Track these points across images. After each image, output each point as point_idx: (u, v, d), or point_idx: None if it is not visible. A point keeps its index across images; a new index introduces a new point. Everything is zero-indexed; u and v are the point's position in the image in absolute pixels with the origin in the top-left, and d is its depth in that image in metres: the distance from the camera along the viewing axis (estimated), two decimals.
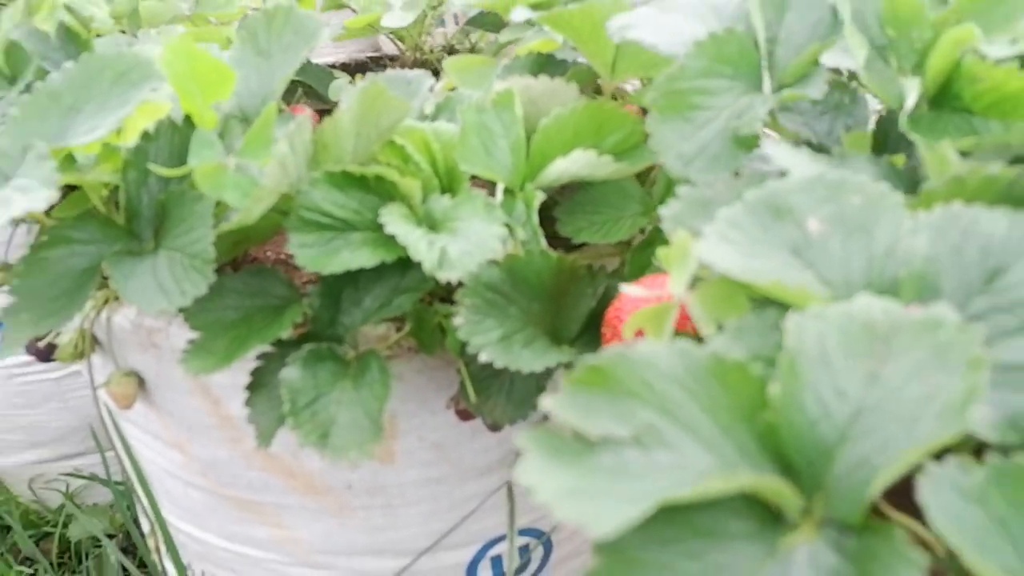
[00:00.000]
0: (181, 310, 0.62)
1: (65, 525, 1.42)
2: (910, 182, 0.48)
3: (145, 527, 1.03)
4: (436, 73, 1.14)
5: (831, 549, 0.29)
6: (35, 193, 0.55)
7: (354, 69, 1.25)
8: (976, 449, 0.32)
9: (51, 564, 1.38)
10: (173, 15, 1.05)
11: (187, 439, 0.79)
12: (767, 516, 0.30)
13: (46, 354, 0.85)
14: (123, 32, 0.90)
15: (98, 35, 0.87)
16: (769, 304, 0.37)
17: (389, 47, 1.34)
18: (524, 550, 0.86)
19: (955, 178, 0.38)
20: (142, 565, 1.31)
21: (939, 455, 0.31)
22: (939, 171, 0.42)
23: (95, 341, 0.78)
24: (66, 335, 0.77)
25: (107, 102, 0.62)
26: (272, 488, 0.79)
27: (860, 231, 0.38)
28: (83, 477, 1.39)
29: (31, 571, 1.39)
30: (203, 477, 0.82)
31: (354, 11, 1.10)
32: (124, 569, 1.32)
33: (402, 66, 1.15)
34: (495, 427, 0.72)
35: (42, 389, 1.36)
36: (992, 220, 0.36)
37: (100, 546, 1.40)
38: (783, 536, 0.30)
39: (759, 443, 0.31)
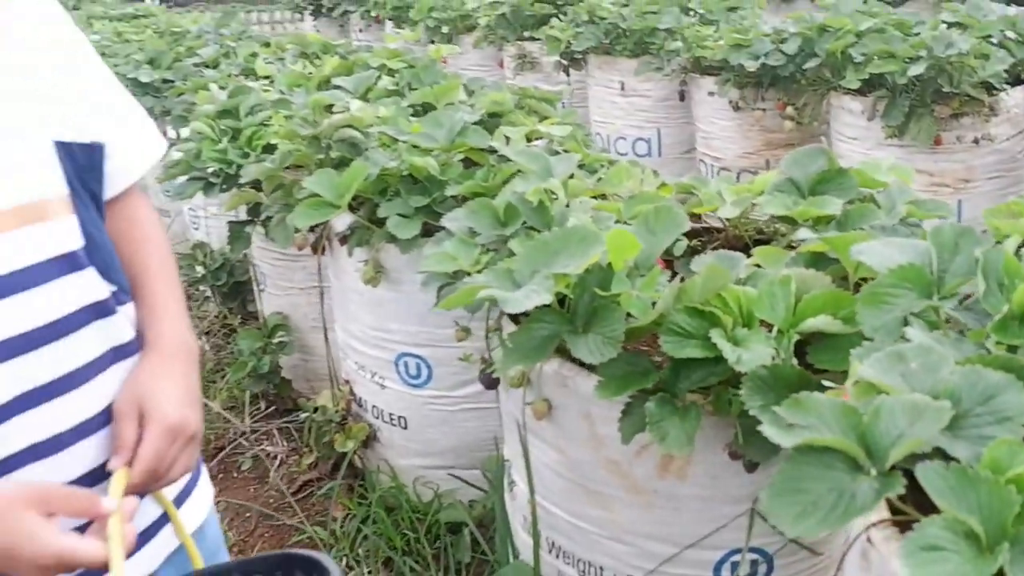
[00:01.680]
0: (593, 365, 1.18)
1: (434, 514, 2.04)
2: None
3: (512, 512, 1.60)
4: (747, 246, 1.66)
5: (877, 483, 0.78)
6: (542, 295, 1.14)
7: (689, 234, 1.80)
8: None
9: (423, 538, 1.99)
10: (584, 189, 1.67)
11: (566, 445, 1.35)
12: (856, 467, 0.79)
13: (492, 383, 1.46)
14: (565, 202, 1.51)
15: (554, 197, 1.49)
16: (882, 394, 0.85)
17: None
18: (753, 563, 1.32)
19: (979, 355, 0.85)
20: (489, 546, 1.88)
21: (932, 459, 0.78)
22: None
23: (528, 379, 1.37)
24: (513, 372, 1.36)
25: (576, 252, 1.21)
26: (610, 483, 1.32)
27: (932, 371, 0.85)
28: (464, 481, 2.00)
29: (407, 539, 2.02)
30: (569, 471, 1.37)
31: (699, 199, 1.65)
32: (475, 547, 1.90)
33: (725, 238, 1.69)
34: (752, 467, 1.21)
35: (440, 416, 2.00)
36: (991, 373, 0.83)
37: (454, 533, 1.99)
38: (860, 476, 0.79)
39: (858, 439, 0.80)
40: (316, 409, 2.09)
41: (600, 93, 4.22)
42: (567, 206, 1.50)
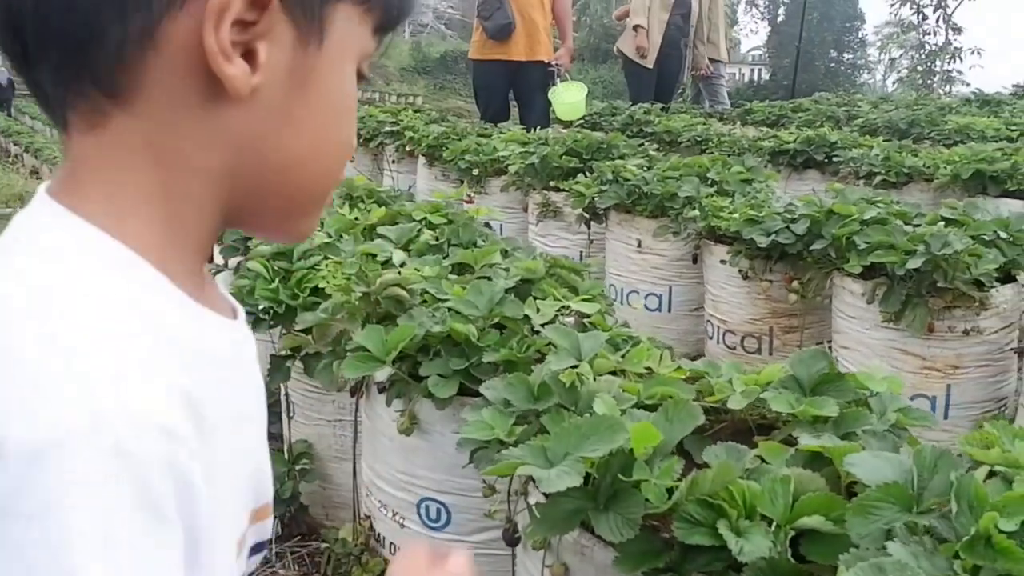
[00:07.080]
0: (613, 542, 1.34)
1: None
2: None
3: None
4: (751, 429, 1.83)
5: None
6: (573, 476, 1.31)
7: None
8: None
9: None
10: (608, 365, 1.85)
11: None
12: None
13: (514, 542, 1.61)
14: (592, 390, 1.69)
15: (583, 382, 1.67)
16: None
17: None
18: None
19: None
20: None
21: None
22: None
23: (548, 543, 1.52)
24: (528, 532, 1.51)
25: (603, 438, 1.38)
26: None
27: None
28: None
29: None
30: None
31: (710, 384, 1.83)
32: None
33: (732, 419, 1.86)
34: None
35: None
36: None
37: None
38: None
39: None
40: (336, 540, 2.22)
41: (617, 247, 4.46)
42: (594, 384, 1.68)
